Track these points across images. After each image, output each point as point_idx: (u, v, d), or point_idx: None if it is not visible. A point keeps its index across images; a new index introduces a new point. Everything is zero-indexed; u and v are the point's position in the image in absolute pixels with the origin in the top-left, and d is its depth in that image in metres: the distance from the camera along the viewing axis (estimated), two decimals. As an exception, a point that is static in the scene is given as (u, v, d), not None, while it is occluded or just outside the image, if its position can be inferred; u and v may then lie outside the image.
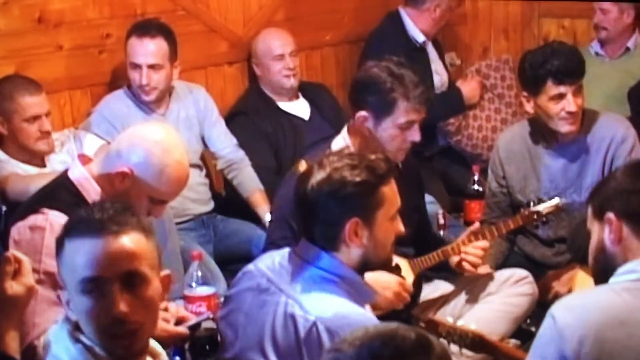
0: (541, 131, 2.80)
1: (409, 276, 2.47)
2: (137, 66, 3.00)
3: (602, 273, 1.62)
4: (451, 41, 4.18)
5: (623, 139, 2.73)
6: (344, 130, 2.53)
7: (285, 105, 3.46)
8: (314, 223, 1.84)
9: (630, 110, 3.40)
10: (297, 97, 3.52)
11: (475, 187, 3.05)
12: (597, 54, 3.67)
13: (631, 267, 1.57)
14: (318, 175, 1.81)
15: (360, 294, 1.83)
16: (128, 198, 2.07)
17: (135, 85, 3.03)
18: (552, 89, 2.63)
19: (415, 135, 2.43)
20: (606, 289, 1.58)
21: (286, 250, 1.91)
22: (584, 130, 2.76)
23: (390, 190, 1.85)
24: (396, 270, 2.45)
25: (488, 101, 3.75)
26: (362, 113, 2.42)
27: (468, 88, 3.66)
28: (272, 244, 2.36)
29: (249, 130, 3.34)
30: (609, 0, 3.57)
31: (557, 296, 2.65)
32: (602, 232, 1.62)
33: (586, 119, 2.76)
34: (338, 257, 1.82)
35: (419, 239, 2.61)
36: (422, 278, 2.59)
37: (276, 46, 3.41)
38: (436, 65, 3.74)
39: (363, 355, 1.05)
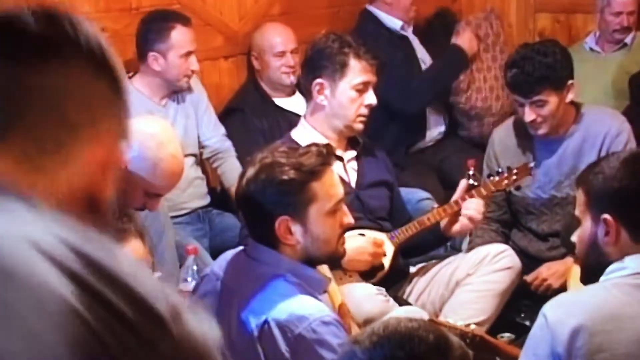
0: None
1: (389, 249, 2.50)
2: (190, 54, 3.04)
3: (593, 267, 1.63)
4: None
5: (618, 133, 2.74)
6: (302, 117, 2.57)
7: (281, 102, 3.46)
8: (251, 221, 1.86)
9: (630, 98, 3.41)
10: (294, 93, 3.51)
11: (470, 181, 3.05)
12: (591, 49, 3.67)
13: (621, 265, 1.58)
14: (248, 173, 1.83)
15: (311, 285, 1.82)
16: (122, 192, 2.07)
17: (182, 75, 3.05)
18: (512, 95, 2.68)
19: (371, 98, 2.49)
20: (596, 287, 1.60)
21: (238, 250, 1.92)
22: (579, 124, 2.76)
23: (324, 185, 1.83)
24: None
25: (484, 51, 3.73)
26: (318, 80, 2.49)
27: (465, 40, 3.60)
28: (244, 228, 2.39)
29: (245, 128, 3.33)
30: None
31: (549, 289, 2.66)
32: (595, 228, 1.62)
33: (581, 113, 2.77)
34: (283, 252, 1.82)
35: (395, 216, 2.64)
36: (399, 258, 2.59)
37: (278, 43, 3.40)
38: (422, 54, 3.69)
39: (377, 354, 1.05)
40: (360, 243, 2.45)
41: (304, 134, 2.52)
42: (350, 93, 2.46)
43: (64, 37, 0.80)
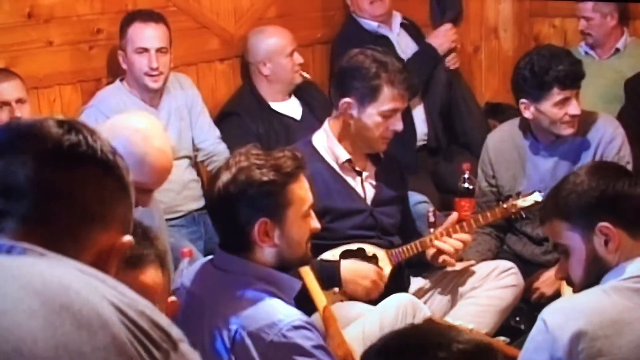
0: (531, 131, 2.81)
1: (386, 267, 2.49)
2: (144, 50, 2.99)
3: (595, 282, 1.61)
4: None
5: (611, 138, 2.74)
6: (326, 122, 2.55)
7: (277, 105, 3.45)
8: (225, 226, 1.83)
9: (625, 99, 3.43)
10: (290, 96, 3.51)
11: (466, 185, 3.06)
12: (586, 53, 3.68)
13: (620, 269, 1.58)
14: (224, 177, 1.80)
15: (283, 290, 1.81)
16: None
17: (141, 72, 3.00)
18: (557, 94, 2.64)
19: (397, 124, 2.46)
20: (595, 291, 1.59)
21: (205, 261, 1.90)
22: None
23: (300, 188, 1.84)
24: (373, 260, 2.47)
25: None
26: (347, 99, 2.44)
27: (435, 38, 3.60)
28: None
29: (240, 132, 3.32)
30: (589, 0, 3.57)
31: (542, 297, 2.66)
32: (589, 244, 1.61)
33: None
34: (253, 259, 1.81)
35: (403, 229, 2.63)
36: (404, 270, 2.59)
37: (287, 44, 3.39)
38: (407, 54, 3.61)
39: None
40: (365, 267, 2.42)
41: (325, 143, 2.49)
42: (376, 118, 2.42)
43: (85, 147, 0.99)
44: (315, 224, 1.89)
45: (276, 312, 1.71)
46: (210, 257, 1.90)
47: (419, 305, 2.29)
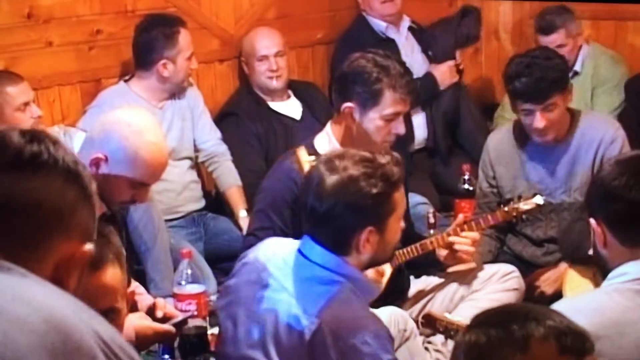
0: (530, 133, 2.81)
1: (386, 268, 2.48)
2: (192, 55, 3.12)
3: (603, 270, 1.64)
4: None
5: (612, 139, 2.73)
6: (328, 125, 2.54)
7: (276, 105, 3.46)
8: (326, 228, 1.82)
9: (625, 100, 3.41)
10: (289, 96, 3.51)
11: (466, 186, 3.06)
12: None
13: (622, 270, 1.58)
14: (330, 181, 1.79)
15: (364, 292, 1.83)
16: (107, 185, 2.04)
17: (187, 74, 3.13)
18: (520, 105, 2.65)
19: (400, 127, 2.46)
20: (597, 292, 1.60)
21: (292, 247, 1.88)
22: (574, 131, 2.76)
23: (401, 194, 1.86)
24: None
25: None
26: (348, 104, 2.43)
27: (439, 72, 3.64)
28: (250, 235, 2.37)
29: (239, 132, 3.33)
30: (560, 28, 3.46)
31: (542, 296, 2.66)
32: (594, 234, 1.63)
33: (576, 120, 2.77)
34: (344, 258, 1.81)
35: (404, 232, 2.63)
36: (404, 271, 2.59)
37: (261, 47, 3.41)
38: (412, 57, 3.65)
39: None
40: None
41: (327, 146, 2.46)
42: (378, 122, 2.41)
43: (46, 156, 1.00)
44: (402, 224, 1.91)
45: (362, 317, 1.72)
46: (297, 241, 1.89)
47: (410, 321, 2.31)
